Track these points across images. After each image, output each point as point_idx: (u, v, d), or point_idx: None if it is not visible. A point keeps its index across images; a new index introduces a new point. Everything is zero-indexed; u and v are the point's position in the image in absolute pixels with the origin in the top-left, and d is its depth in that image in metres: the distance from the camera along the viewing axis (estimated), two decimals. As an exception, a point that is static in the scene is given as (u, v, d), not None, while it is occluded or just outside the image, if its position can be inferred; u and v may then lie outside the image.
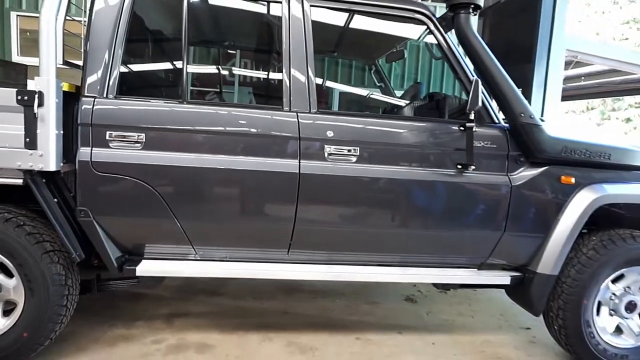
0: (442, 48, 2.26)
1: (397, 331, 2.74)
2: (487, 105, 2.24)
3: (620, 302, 2.35)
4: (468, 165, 2.16)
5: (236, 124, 2.10)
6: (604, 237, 2.31)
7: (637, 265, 2.32)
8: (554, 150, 2.21)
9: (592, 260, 2.27)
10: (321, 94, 3.01)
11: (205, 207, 2.11)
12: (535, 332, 2.81)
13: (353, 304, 3.16)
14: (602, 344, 2.33)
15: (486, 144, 2.21)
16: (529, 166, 2.25)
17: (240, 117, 2.12)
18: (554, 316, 2.36)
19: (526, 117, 2.19)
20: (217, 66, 3.11)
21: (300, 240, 2.20)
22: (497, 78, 2.21)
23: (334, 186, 2.14)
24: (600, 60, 8.05)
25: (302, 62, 2.16)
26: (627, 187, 2.30)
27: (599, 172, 2.30)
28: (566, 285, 2.29)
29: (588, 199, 2.22)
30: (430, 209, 2.24)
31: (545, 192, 2.26)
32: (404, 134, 2.21)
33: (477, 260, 2.36)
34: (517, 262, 2.37)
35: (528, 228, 2.28)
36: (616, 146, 2.32)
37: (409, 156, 2.19)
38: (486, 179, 2.22)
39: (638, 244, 2.28)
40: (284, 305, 3.05)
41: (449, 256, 2.35)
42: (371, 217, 2.24)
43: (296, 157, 2.11)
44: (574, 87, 10.89)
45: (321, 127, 2.14)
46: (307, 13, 2.19)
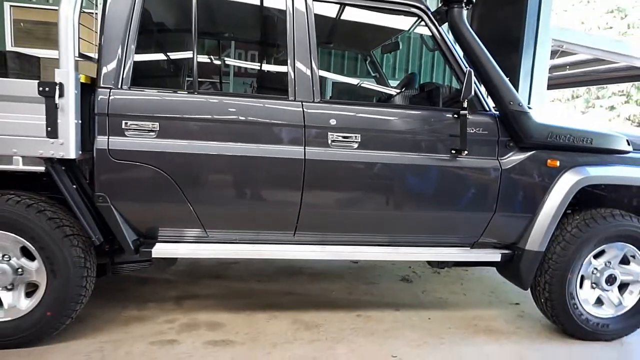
0: (437, 40, 2.40)
1: (395, 308, 2.91)
2: (479, 94, 2.39)
3: (601, 276, 2.54)
4: (462, 150, 2.31)
5: (244, 113, 2.22)
6: (587, 216, 2.49)
7: (617, 242, 2.51)
8: (540, 136, 2.37)
9: (575, 238, 2.45)
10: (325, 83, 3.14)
11: (216, 192, 2.24)
12: (524, 307, 3.00)
13: (352, 284, 3.32)
14: (585, 315, 2.53)
15: (478, 130, 2.37)
16: (518, 151, 2.41)
17: (247, 106, 2.24)
18: (541, 290, 2.54)
19: (515, 105, 2.34)
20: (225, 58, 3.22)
21: (306, 222, 2.34)
22: (488, 69, 2.36)
23: (337, 171, 2.28)
24: (585, 50, 8.27)
25: (306, 53, 2.29)
26: (607, 169, 2.48)
27: (582, 155, 2.47)
28: (552, 261, 2.47)
29: (572, 181, 2.39)
30: (426, 192, 2.40)
31: (532, 175, 2.43)
32: (402, 121, 2.35)
33: (470, 239, 2.53)
34: (507, 241, 2.55)
35: (517, 209, 2.45)
36: (597, 131, 2.49)
37: (406, 142, 2.34)
38: (478, 163, 2.37)
39: (617, 222, 2.47)
40: (287, 287, 3.21)
41: (444, 236, 2.52)
42: (372, 200, 2.39)
43: (301, 144, 2.24)
44: (559, 75, 11.13)
45: (324, 115, 2.27)
46: (310, 7, 2.31)
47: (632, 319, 2.59)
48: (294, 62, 2.28)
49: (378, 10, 2.49)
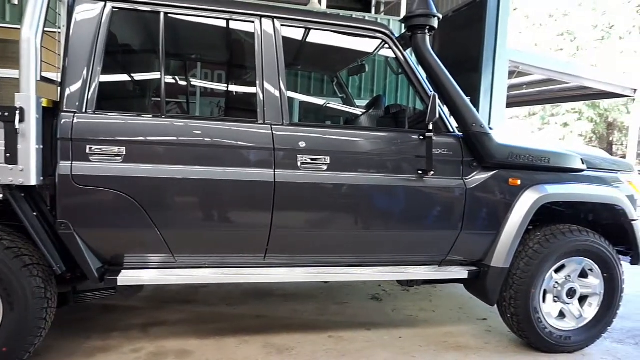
0: (401, 65, 2.48)
1: (366, 328, 2.92)
2: (444, 117, 2.48)
3: (562, 289, 2.64)
4: (428, 170, 2.38)
5: (213, 136, 2.21)
6: (547, 232, 2.60)
7: (575, 256, 2.62)
8: (501, 156, 2.47)
9: (537, 253, 2.54)
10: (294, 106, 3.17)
11: (185, 217, 2.20)
12: (491, 322, 3.07)
13: (323, 305, 3.31)
14: (549, 328, 2.61)
15: (443, 151, 2.44)
16: (481, 170, 2.49)
17: (216, 129, 2.24)
18: (506, 305, 2.62)
19: (477, 126, 2.43)
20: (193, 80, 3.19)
21: (276, 245, 2.33)
22: (452, 92, 2.45)
23: (307, 193, 2.29)
24: (539, 71, 8.70)
25: (275, 76, 2.31)
26: (564, 187, 2.60)
27: (541, 174, 2.58)
28: (516, 276, 2.55)
29: (532, 199, 2.50)
30: (395, 212, 2.44)
31: (495, 194, 2.51)
32: (370, 143, 2.40)
33: (438, 257, 2.58)
34: (473, 258, 2.61)
35: (482, 226, 2.53)
36: (554, 151, 2.61)
37: (374, 163, 2.38)
38: (444, 183, 2.44)
39: (575, 237, 2.58)
40: (257, 310, 3.16)
41: (413, 255, 2.56)
42: (342, 221, 2.41)
43: (271, 166, 2.24)
44: (517, 94, 11.64)
45: (294, 138, 2.29)
46: (279, 30, 2.35)
47: (592, 330, 2.69)
48: (262, 85, 2.29)
49: (345, 34, 2.55)
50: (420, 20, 2.44)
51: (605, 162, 2.82)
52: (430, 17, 2.44)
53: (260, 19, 2.33)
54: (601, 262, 2.65)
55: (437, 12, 2.48)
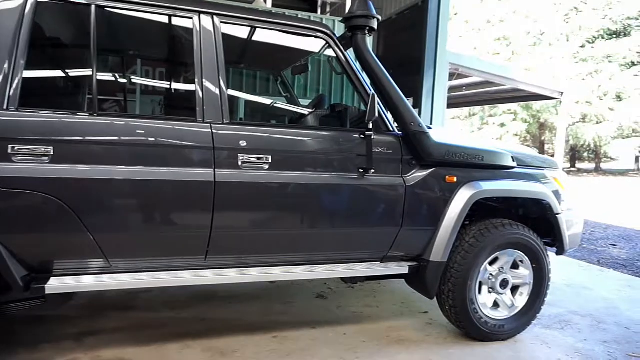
0: (342, 64, 2.51)
1: (311, 326, 2.93)
2: (383, 116, 2.53)
3: (496, 281, 2.78)
4: (368, 169, 2.42)
5: (150, 136, 2.14)
6: (482, 226, 2.72)
7: (507, 249, 2.77)
8: (439, 154, 2.56)
9: (473, 247, 2.66)
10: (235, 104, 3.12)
11: (119, 219, 2.11)
12: (432, 315, 3.18)
13: (268, 305, 3.29)
14: (484, 318, 2.74)
15: (383, 150, 2.49)
16: (420, 168, 2.57)
17: (153, 128, 2.16)
18: (445, 298, 2.72)
19: (415, 125, 2.51)
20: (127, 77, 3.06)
21: (217, 246, 2.29)
22: (391, 92, 2.51)
23: (248, 193, 2.27)
24: (477, 73, 9.12)
25: (214, 74, 2.26)
26: (497, 184, 2.74)
27: (476, 171, 2.70)
28: (454, 270, 2.66)
29: (467, 195, 2.61)
30: (336, 210, 2.47)
31: (433, 191, 2.60)
32: (312, 142, 2.41)
33: (380, 254, 2.64)
34: (413, 253, 2.69)
35: (421, 222, 2.61)
36: (487, 149, 2.74)
37: (316, 162, 2.40)
38: (384, 181, 2.50)
39: (507, 231, 2.73)
40: (201, 313, 3.09)
41: (355, 252, 2.60)
42: (284, 221, 2.40)
43: (211, 166, 2.20)
44: (457, 96, 12.14)
45: (234, 137, 2.25)
46: (218, 27, 2.30)
47: (523, 318, 2.85)
48: (202, 83, 2.24)
49: (286, 33, 2.55)
50: (360, 21, 2.48)
51: (534, 159, 3.00)
52: (370, 18, 2.48)
53: (199, 15, 2.27)
54: (531, 254, 2.81)
55: (377, 14, 2.53)
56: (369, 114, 2.29)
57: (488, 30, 27.36)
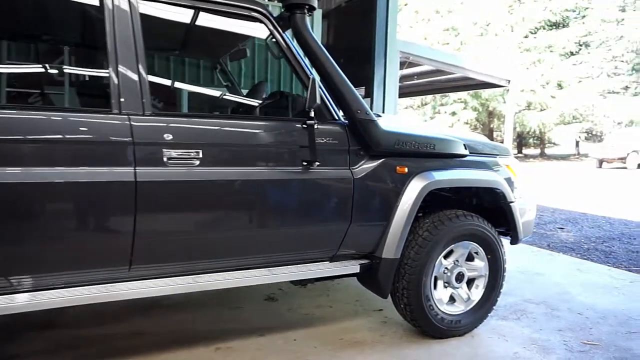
0: (280, 46, 2.27)
1: (259, 334, 2.70)
2: (327, 103, 2.32)
3: (452, 274, 2.66)
4: (312, 161, 2.21)
5: (58, 131, 1.82)
6: (435, 218, 2.58)
7: (462, 241, 2.65)
8: (388, 144, 2.39)
9: (426, 241, 2.51)
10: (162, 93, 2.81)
11: (18, 230, 1.78)
12: (387, 313, 3.03)
13: (215, 312, 3.03)
14: (440, 314, 2.61)
15: (328, 140, 2.29)
16: (369, 159, 2.39)
17: (60, 122, 1.84)
18: (399, 296, 2.56)
19: (362, 113, 2.31)
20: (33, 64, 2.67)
21: (142, 254, 2.01)
22: (334, 76, 2.30)
23: (175, 193, 2.00)
24: (428, 62, 9.12)
25: (132, 59, 1.97)
26: (450, 173, 2.60)
27: (428, 161, 2.55)
28: (407, 266, 2.50)
29: (419, 186, 2.45)
30: (278, 208, 2.24)
31: (384, 183, 2.43)
32: (248, 133, 2.17)
33: (329, 252, 2.44)
34: (365, 251, 2.51)
35: (372, 217, 2.43)
36: (438, 137, 2.60)
37: (254, 156, 2.16)
38: (330, 173, 2.29)
39: (461, 222, 2.60)
40: (137, 326, 2.79)
41: (301, 252, 2.38)
42: (220, 222, 2.15)
43: (131, 164, 1.91)
44: (409, 85, 12.17)
45: (157, 129, 1.97)
46: (135, 6, 2.00)
47: (479, 312, 2.75)
48: (116, 69, 1.94)
49: (216, 13, 2.28)
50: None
51: (486, 146, 2.89)
52: (309, -5, 2.26)
53: (110, -10, 1.96)
54: (485, 245, 2.71)
55: (319, -7, 2.31)
56: (309, 101, 2.07)
57: (437, 20, 27.83)
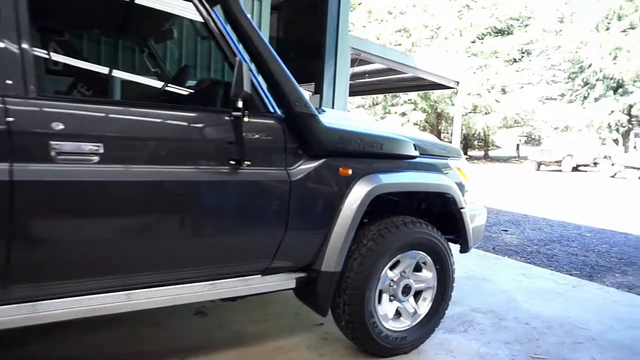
0: (206, 24, 1.93)
1: (181, 356, 2.35)
2: (260, 92, 2.01)
3: (398, 287, 2.43)
4: (241, 160, 1.89)
5: None
6: (381, 226, 2.34)
7: (410, 250, 2.42)
8: (330, 141, 2.11)
9: (372, 251, 2.26)
10: (66, 75, 2.38)
11: None
12: (328, 328, 2.76)
13: (133, 330, 2.63)
14: (385, 331, 2.37)
15: (261, 136, 1.98)
16: (308, 159, 2.10)
17: None
18: (340, 312, 2.30)
19: (301, 106, 2.02)
20: None
21: (23, 273, 1.61)
22: (269, 62, 1.98)
23: (68, 195, 1.62)
24: (380, 60, 8.99)
25: (11, 30, 1.56)
26: (399, 176, 2.37)
27: (374, 162, 2.30)
28: (350, 279, 2.24)
29: (364, 190, 2.19)
30: (200, 214, 1.91)
31: (325, 186, 2.15)
32: (163, 125, 1.81)
33: (260, 265, 2.13)
34: (302, 263, 2.23)
35: (310, 225, 2.15)
36: (386, 136, 2.35)
37: (170, 153, 1.81)
38: (263, 174, 1.98)
39: (409, 230, 2.37)
40: (38, 349, 2.35)
41: (228, 265, 2.05)
42: (127, 232, 1.79)
43: (6, 159, 1.51)
44: (360, 83, 12.05)
45: (43, 116, 1.58)
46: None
47: (427, 326, 2.54)
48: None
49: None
50: (228, -31, 1.91)
51: (436, 147, 2.69)
52: (240, -33, 1.93)
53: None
54: (434, 254, 2.50)
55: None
56: (235, 87, 1.75)
57: (390, 21, 28.11)
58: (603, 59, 27.28)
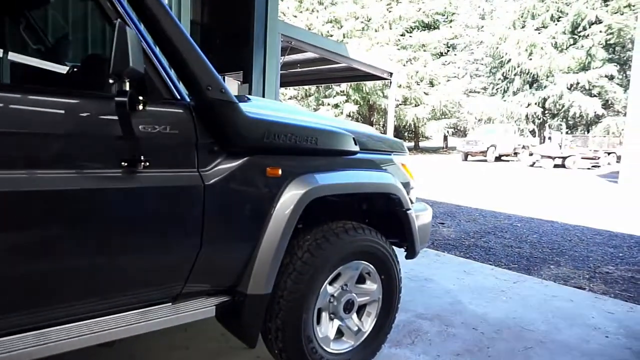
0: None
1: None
2: (161, 71, 1.55)
3: (339, 303, 2.09)
4: (136, 161, 1.44)
5: None
6: (318, 235, 1.98)
7: (352, 261, 2.09)
8: (254, 136, 1.71)
9: (308, 265, 1.90)
10: None
11: None
12: (260, 351, 2.37)
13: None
14: (326, 356, 2.03)
15: (163, 129, 1.53)
16: (227, 157, 1.68)
17: None
18: (273, 339, 1.92)
19: (215, 91, 1.59)
20: None
21: None
22: (173, 35, 1.54)
23: None
24: (312, 49, 8.63)
25: None
26: (338, 176, 2.02)
27: (309, 159, 1.93)
28: (283, 300, 1.86)
29: (298, 193, 1.82)
30: (84, 232, 1.43)
31: (249, 189, 1.75)
32: (27, 114, 1.31)
33: (170, 290, 1.69)
34: (224, 284, 1.81)
35: (232, 237, 1.74)
36: (322, 128, 1.99)
37: (40, 152, 1.32)
38: (167, 178, 1.54)
39: (351, 238, 2.04)
40: None
41: (128, 294, 1.59)
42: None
43: None
44: (292, 73, 11.63)
45: None
46: None
47: (372, 344, 2.24)
48: None
49: None
50: None
51: (378, 141, 2.37)
52: None
53: None
54: (379, 263, 2.19)
55: None
56: (115, 62, 1.28)
57: (321, 11, 27.88)
58: (520, 55, 28.99)
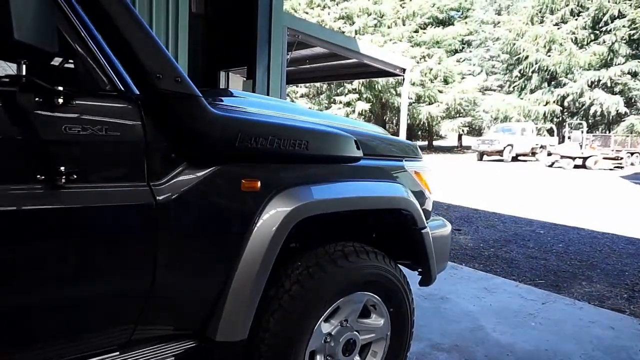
0: None
1: None
2: (94, 50, 1.17)
3: (337, 344, 1.69)
4: (55, 174, 1.07)
5: None
6: (311, 261, 1.59)
7: (354, 292, 1.69)
8: (224, 139, 1.32)
9: (297, 301, 1.51)
10: None
11: None
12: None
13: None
14: (318, 412, 1.64)
15: (98, 131, 1.15)
16: (188, 167, 1.30)
17: None
18: (252, 393, 1.54)
19: (168, 80, 1.21)
20: None
21: None
22: (113, 12, 1.16)
23: None
24: (320, 43, 8.22)
25: None
26: (335, 189, 1.63)
27: (297, 168, 1.54)
28: (264, 346, 1.48)
29: (282, 212, 1.43)
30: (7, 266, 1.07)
31: (217, 209, 1.37)
32: None
33: (116, 336, 1.32)
34: (187, 327, 1.43)
35: (195, 269, 1.36)
36: (313, 129, 1.59)
37: None
38: (103, 196, 1.16)
39: (352, 264, 1.64)
40: None
41: (60, 344, 1.22)
42: None
43: None
44: (302, 70, 11.24)
45: None
46: None
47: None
48: None
49: None
50: None
51: (387, 144, 1.96)
52: None
53: None
54: (387, 293, 1.79)
55: None
56: (16, 31, 0.91)
57: (332, 7, 27.45)
58: (538, 51, 28.17)
